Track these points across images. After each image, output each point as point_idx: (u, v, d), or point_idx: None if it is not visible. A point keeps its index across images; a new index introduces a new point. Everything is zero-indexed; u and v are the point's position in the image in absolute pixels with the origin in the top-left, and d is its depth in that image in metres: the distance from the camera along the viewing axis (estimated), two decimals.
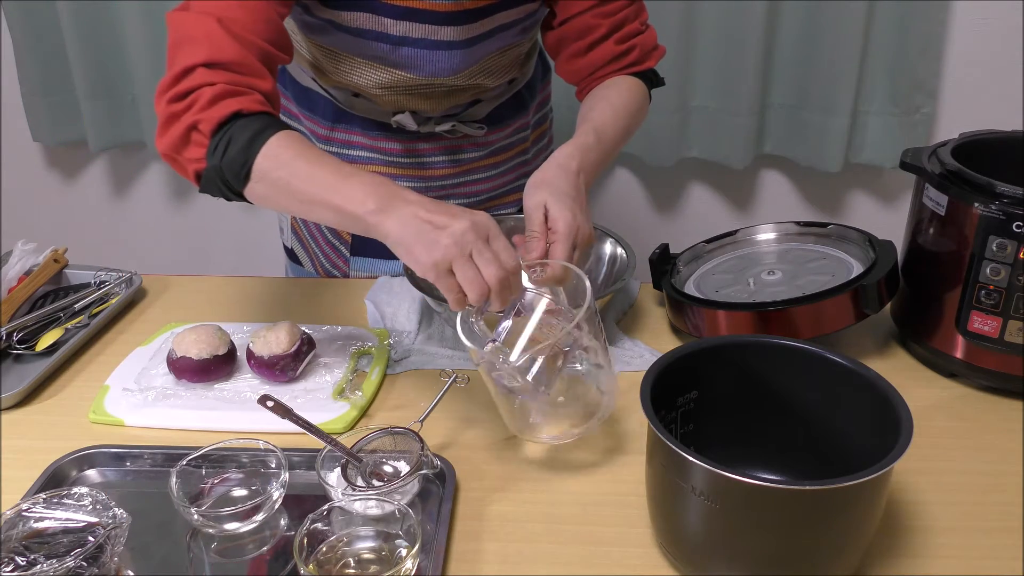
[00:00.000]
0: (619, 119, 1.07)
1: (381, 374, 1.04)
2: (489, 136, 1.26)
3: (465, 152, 1.26)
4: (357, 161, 1.25)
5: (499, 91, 1.24)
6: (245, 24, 0.89)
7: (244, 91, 0.87)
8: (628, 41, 1.12)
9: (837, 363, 0.80)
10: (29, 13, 1.91)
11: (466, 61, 1.13)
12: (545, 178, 0.94)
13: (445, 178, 1.26)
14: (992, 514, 0.83)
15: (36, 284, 1.21)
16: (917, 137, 1.82)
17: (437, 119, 1.21)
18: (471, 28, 1.09)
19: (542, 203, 0.91)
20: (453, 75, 1.13)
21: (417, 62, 1.11)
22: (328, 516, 0.78)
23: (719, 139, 1.87)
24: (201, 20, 0.88)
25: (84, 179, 2.19)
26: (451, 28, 1.08)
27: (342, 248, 1.31)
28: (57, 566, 0.71)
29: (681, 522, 0.73)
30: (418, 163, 1.25)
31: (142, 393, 1.01)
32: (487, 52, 1.14)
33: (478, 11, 1.08)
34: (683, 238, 1.31)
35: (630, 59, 1.13)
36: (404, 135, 1.22)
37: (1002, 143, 1.08)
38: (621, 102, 1.09)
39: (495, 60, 1.17)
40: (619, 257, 1.15)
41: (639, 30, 1.14)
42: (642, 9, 1.15)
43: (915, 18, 1.72)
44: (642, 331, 1.15)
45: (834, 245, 1.15)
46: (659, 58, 1.17)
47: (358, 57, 1.12)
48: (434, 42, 1.09)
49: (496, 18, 1.10)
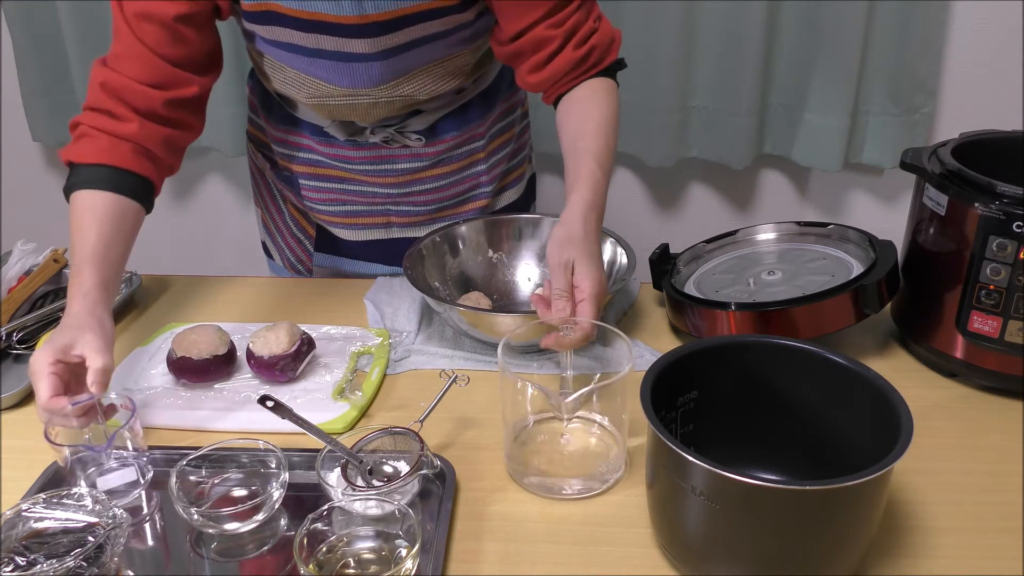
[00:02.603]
0: (610, 140, 1.07)
1: (381, 374, 1.04)
2: (428, 147, 1.22)
3: (401, 163, 1.23)
4: (309, 164, 1.26)
5: (444, 102, 1.20)
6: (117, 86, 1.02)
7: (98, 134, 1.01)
8: (586, 44, 1.08)
9: (837, 363, 0.80)
10: (29, 13, 1.91)
11: (386, 73, 1.10)
12: (571, 236, 0.97)
13: (388, 186, 1.24)
14: (992, 514, 0.83)
15: (36, 284, 1.21)
16: (917, 137, 1.82)
17: (373, 128, 1.19)
18: (384, 40, 1.06)
19: (569, 262, 0.95)
20: (374, 87, 1.11)
21: (335, 74, 1.10)
22: (328, 516, 0.78)
23: (719, 139, 1.87)
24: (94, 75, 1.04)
25: None
26: (361, 41, 1.05)
27: (306, 243, 1.33)
28: (57, 566, 0.71)
29: (681, 522, 0.73)
30: (360, 170, 1.24)
31: (142, 393, 1.01)
32: (413, 64, 1.11)
33: (388, 24, 1.04)
34: (683, 238, 1.31)
35: (591, 60, 1.09)
36: (346, 143, 1.22)
37: (1002, 143, 1.08)
38: (605, 119, 1.07)
39: (429, 72, 1.14)
40: (619, 257, 1.15)
41: (593, 28, 1.09)
42: (592, 7, 1.10)
43: (915, 18, 1.72)
44: (642, 331, 1.15)
45: (834, 245, 1.15)
46: (619, 47, 1.13)
47: (287, 67, 1.14)
48: (347, 54, 1.07)
49: (412, 31, 1.06)
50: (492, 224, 1.24)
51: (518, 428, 0.92)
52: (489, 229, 1.24)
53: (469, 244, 1.23)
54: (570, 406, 0.86)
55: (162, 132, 1.04)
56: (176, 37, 1.03)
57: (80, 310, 0.91)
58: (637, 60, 1.82)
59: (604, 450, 0.91)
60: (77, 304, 0.91)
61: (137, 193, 1.02)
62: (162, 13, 1.01)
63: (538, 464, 0.90)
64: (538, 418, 0.94)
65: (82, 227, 0.97)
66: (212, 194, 2.17)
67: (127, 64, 1.02)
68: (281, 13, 1.03)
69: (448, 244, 1.22)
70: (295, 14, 1.03)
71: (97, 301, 0.92)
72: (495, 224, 1.24)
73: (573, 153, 1.06)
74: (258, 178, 1.36)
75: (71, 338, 0.87)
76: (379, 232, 1.28)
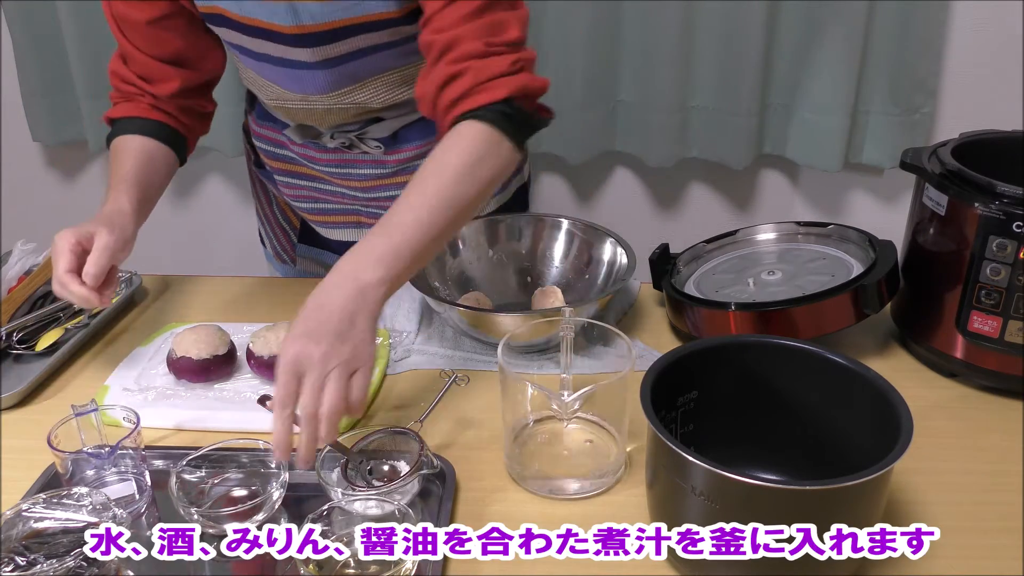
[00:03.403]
0: (426, 196, 0.87)
1: (381, 374, 1.04)
2: (390, 155, 1.19)
3: (364, 168, 1.21)
4: (284, 160, 1.26)
5: (406, 110, 1.17)
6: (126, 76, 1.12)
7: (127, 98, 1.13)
8: (462, 63, 0.92)
9: (837, 363, 0.80)
10: (29, 13, 1.91)
11: (331, 82, 1.08)
12: (306, 320, 0.80)
13: (355, 190, 1.23)
14: (992, 514, 0.83)
15: (36, 284, 1.21)
16: (917, 137, 1.82)
17: (333, 134, 1.17)
18: (325, 50, 1.04)
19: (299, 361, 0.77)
20: (322, 94, 1.10)
21: (285, 80, 1.10)
22: (328, 516, 0.78)
23: (719, 139, 1.87)
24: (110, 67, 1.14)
25: (84, 179, 2.19)
26: (302, 50, 1.04)
27: (291, 232, 1.35)
28: (57, 566, 0.71)
29: (681, 522, 0.73)
30: (326, 172, 1.23)
31: (142, 393, 1.01)
32: (361, 72, 1.08)
33: (326, 34, 1.01)
34: (683, 238, 1.31)
35: (463, 85, 0.92)
36: (310, 144, 1.21)
37: (1002, 143, 1.08)
38: (436, 171, 0.89)
39: (382, 80, 1.10)
40: (619, 257, 1.15)
41: (480, 52, 0.92)
42: (497, 29, 0.93)
43: (915, 18, 1.72)
44: (642, 331, 1.15)
45: (834, 245, 1.15)
46: (515, 89, 0.92)
47: (247, 69, 1.15)
48: (291, 61, 1.06)
49: (354, 41, 1.03)
50: (492, 224, 1.24)
51: (518, 428, 0.92)
52: (489, 229, 1.24)
53: (469, 244, 1.23)
54: (570, 406, 0.86)
55: (181, 103, 1.13)
56: (156, 39, 1.08)
57: (108, 209, 1.01)
58: (637, 60, 1.82)
59: (604, 450, 0.91)
60: (107, 207, 1.01)
61: (168, 140, 1.12)
62: (136, 17, 1.07)
63: (538, 464, 0.90)
64: (538, 418, 0.94)
65: (117, 161, 1.07)
66: (212, 194, 2.17)
67: (129, 59, 1.11)
68: (227, 16, 1.04)
69: (448, 244, 1.22)
70: (238, 19, 1.03)
71: (121, 210, 1.01)
72: (495, 224, 1.24)
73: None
74: (252, 168, 1.38)
75: (93, 228, 0.97)
76: (352, 232, 1.28)
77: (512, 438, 0.91)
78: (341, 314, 0.79)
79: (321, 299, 0.81)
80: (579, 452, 0.92)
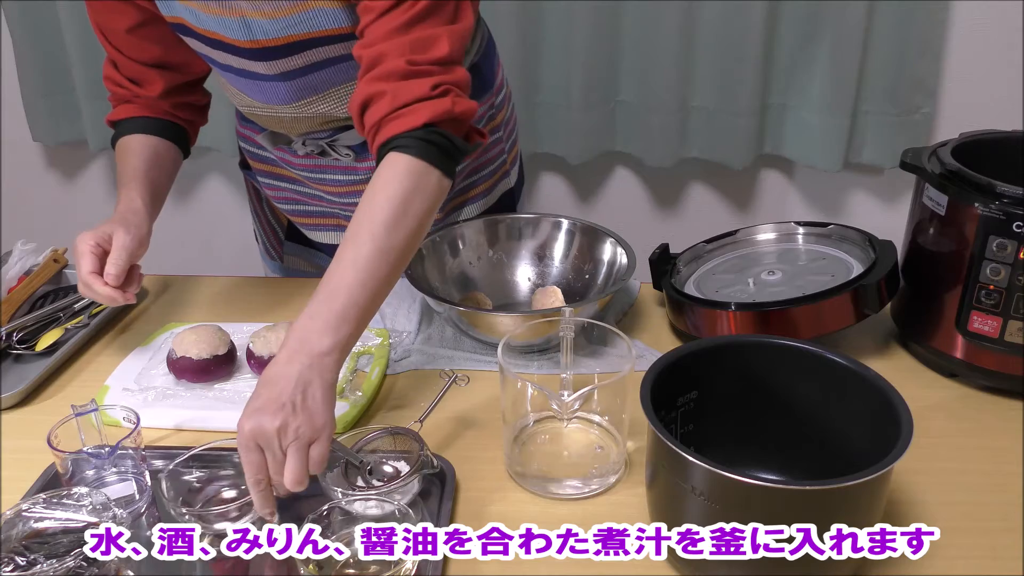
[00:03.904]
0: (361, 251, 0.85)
1: (381, 374, 1.04)
2: (360, 162, 1.17)
3: (337, 174, 1.19)
4: (265, 162, 1.27)
5: None
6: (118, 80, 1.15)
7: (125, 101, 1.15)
8: (382, 82, 0.89)
9: (837, 363, 0.80)
10: (29, 13, 1.91)
11: (292, 93, 1.07)
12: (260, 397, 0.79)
13: (331, 194, 1.23)
14: (992, 514, 0.83)
15: (36, 284, 1.21)
16: (917, 137, 1.82)
17: (303, 140, 1.16)
18: (281, 63, 1.02)
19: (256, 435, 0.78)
20: (285, 105, 1.09)
21: (249, 89, 1.10)
22: (328, 516, 0.78)
23: (719, 139, 1.87)
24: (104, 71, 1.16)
25: (84, 179, 2.19)
26: (260, 63, 1.02)
27: (279, 230, 1.35)
28: (57, 566, 0.71)
29: (681, 522, 0.73)
30: (303, 176, 1.23)
31: (142, 393, 1.01)
32: (320, 85, 1.06)
33: (281, 48, 0.99)
34: (683, 238, 1.31)
35: (382, 109, 0.89)
36: (285, 149, 1.20)
37: (1002, 143, 1.08)
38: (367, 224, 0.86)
39: (344, 90, 1.07)
40: (619, 257, 1.15)
41: (402, 71, 0.88)
42: (423, 46, 0.88)
43: (915, 18, 1.72)
44: (642, 331, 1.15)
45: (834, 245, 1.15)
46: (435, 115, 0.88)
47: (220, 75, 1.14)
48: (251, 73, 1.05)
49: (311, 54, 1.01)
50: (492, 224, 1.24)
51: (518, 428, 0.92)
52: (489, 229, 1.24)
53: (469, 244, 1.23)
54: (570, 406, 0.86)
55: (173, 100, 1.15)
56: (137, 46, 1.10)
57: (122, 208, 1.04)
58: (637, 60, 1.82)
59: (604, 450, 0.91)
60: (120, 207, 1.05)
61: (169, 135, 1.15)
62: (115, 26, 1.09)
63: (538, 464, 0.90)
64: (538, 418, 0.94)
65: (124, 161, 1.11)
66: (212, 194, 2.17)
67: (117, 64, 1.14)
68: (189, 27, 1.04)
69: (448, 244, 1.22)
70: (199, 31, 1.03)
71: (135, 208, 1.05)
72: (495, 224, 1.24)
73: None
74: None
75: (110, 229, 1.00)
76: (333, 234, 1.29)
77: (512, 438, 0.91)
78: (294, 387, 0.78)
79: (272, 373, 0.80)
80: (579, 452, 0.92)
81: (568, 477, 0.88)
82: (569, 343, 0.91)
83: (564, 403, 0.85)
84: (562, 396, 0.85)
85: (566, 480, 0.87)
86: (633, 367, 0.83)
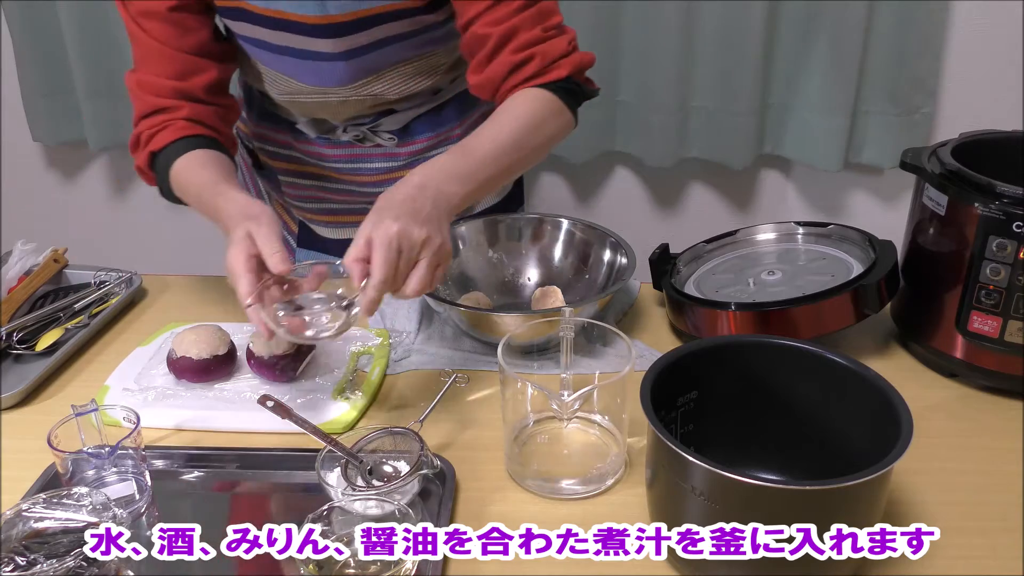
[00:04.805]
0: (501, 132, 0.98)
1: (381, 374, 1.04)
2: (402, 147, 1.21)
3: (374, 162, 1.22)
4: (288, 160, 1.26)
5: (418, 101, 1.19)
6: (151, 83, 1.08)
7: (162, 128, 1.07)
8: (526, 50, 1.02)
9: (837, 363, 0.80)
10: (29, 13, 1.91)
11: (351, 73, 1.10)
12: (376, 204, 0.89)
13: (364, 185, 1.24)
14: (992, 514, 0.83)
15: (36, 284, 1.21)
16: (917, 137, 1.82)
17: (345, 127, 1.19)
18: (347, 40, 1.06)
19: (363, 228, 0.86)
20: (340, 86, 1.11)
21: (301, 72, 1.11)
22: (328, 516, 0.78)
23: (719, 139, 1.87)
24: (130, 86, 1.10)
25: (84, 179, 2.19)
26: (325, 40, 1.05)
27: (289, 238, 1.35)
28: (57, 566, 0.71)
29: (681, 522, 0.73)
30: (335, 168, 1.24)
31: (142, 393, 1.01)
32: (380, 63, 1.11)
33: (351, 24, 1.04)
34: (683, 238, 1.31)
35: (531, 69, 1.03)
36: (321, 140, 1.22)
37: (1002, 143, 1.08)
38: (510, 117, 1.00)
39: (398, 71, 1.13)
40: (619, 257, 1.15)
41: (539, 38, 1.02)
42: (546, 15, 1.04)
43: (915, 18, 1.72)
44: (642, 331, 1.15)
45: (834, 245, 1.15)
46: (575, 67, 1.05)
47: (259, 64, 1.15)
48: (312, 52, 1.07)
49: (377, 31, 1.05)
50: (492, 224, 1.24)
51: (518, 428, 0.92)
52: (489, 229, 1.24)
53: (469, 244, 1.23)
54: (570, 406, 0.86)
55: (208, 110, 1.10)
56: (180, 28, 1.07)
57: (236, 210, 0.92)
58: (637, 60, 1.82)
59: (604, 450, 0.91)
60: (231, 206, 0.93)
61: (216, 147, 1.09)
62: (158, 7, 1.06)
63: (538, 464, 0.90)
64: (538, 418, 0.94)
65: (193, 178, 1.03)
66: None
67: (150, 64, 1.08)
68: (248, 10, 1.04)
69: None
70: (261, 12, 1.04)
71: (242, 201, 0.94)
72: (495, 224, 1.24)
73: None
74: (245, 173, 1.37)
75: (244, 230, 0.90)
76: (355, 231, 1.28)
77: (512, 438, 0.91)
78: (433, 210, 0.87)
79: (411, 193, 0.87)
80: (579, 452, 0.92)
81: (568, 477, 0.88)
82: (569, 343, 0.91)
83: (564, 403, 0.86)
84: (562, 396, 0.85)
85: (566, 480, 0.87)
86: (633, 367, 0.83)
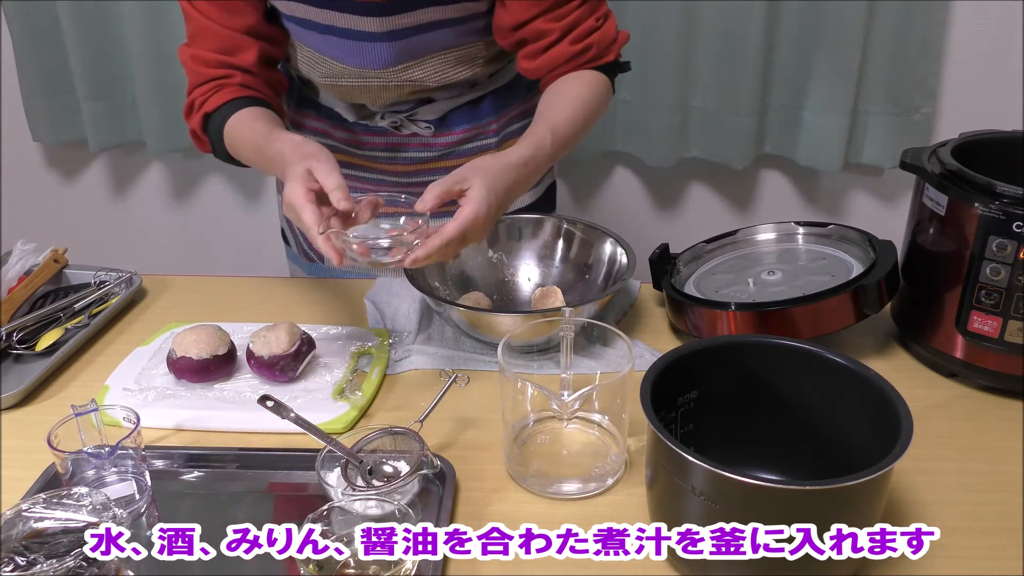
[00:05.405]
0: (576, 115, 1.08)
1: (381, 374, 1.04)
2: (438, 137, 1.24)
3: (409, 151, 1.24)
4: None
5: (456, 92, 1.22)
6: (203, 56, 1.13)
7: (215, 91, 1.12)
8: (584, 40, 1.11)
9: (837, 363, 0.80)
10: (29, 13, 1.91)
11: (394, 55, 1.12)
12: (484, 164, 0.97)
13: (398, 175, 1.26)
14: (992, 514, 0.83)
15: (36, 284, 1.21)
16: (917, 137, 1.82)
17: (383, 112, 1.21)
18: (394, 20, 1.09)
19: (466, 179, 0.94)
20: (382, 68, 1.14)
21: (345, 52, 1.13)
22: (328, 516, 0.78)
23: (719, 139, 1.87)
24: (183, 59, 1.15)
25: (84, 179, 2.20)
26: (372, 19, 1.08)
27: None
28: (57, 566, 0.71)
29: (681, 522, 0.73)
30: (370, 156, 1.25)
31: (142, 393, 1.01)
32: (422, 49, 1.13)
33: (398, 3, 1.07)
34: (683, 238, 1.31)
35: (588, 56, 1.13)
36: (358, 126, 1.23)
37: (1002, 143, 1.08)
38: (579, 98, 1.10)
39: (440, 58, 1.15)
40: (619, 257, 1.15)
41: (594, 27, 1.12)
42: (597, 6, 1.13)
43: (915, 18, 1.72)
44: (642, 331, 1.15)
45: (834, 245, 1.15)
46: (620, 47, 1.17)
47: (303, 45, 1.17)
48: (358, 32, 1.10)
49: (423, 13, 1.09)
50: None
51: (518, 428, 0.92)
52: None
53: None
54: (570, 406, 0.86)
55: (259, 80, 1.14)
56: (228, 9, 1.11)
57: (292, 148, 0.96)
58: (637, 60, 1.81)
59: (604, 450, 0.91)
60: (287, 146, 0.97)
61: (268, 108, 1.12)
62: None
63: (538, 464, 0.90)
64: (538, 418, 0.94)
65: (247, 131, 1.07)
66: (212, 194, 2.17)
67: (202, 40, 1.13)
68: None
69: None
70: None
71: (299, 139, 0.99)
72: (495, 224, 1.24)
73: (534, 120, 1.09)
74: None
75: (303, 167, 0.92)
76: None
77: (512, 438, 0.91)
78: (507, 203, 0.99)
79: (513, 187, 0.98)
80: (579, 452, 0.92)
81: (568, 477, 0.88)
82: (569, 343, 0.91)
83: (564, 403, 0.86)
84: (562, 396, 0.85)
85: (566, 480, 0.87)
86: (633, 367, 0.83)
